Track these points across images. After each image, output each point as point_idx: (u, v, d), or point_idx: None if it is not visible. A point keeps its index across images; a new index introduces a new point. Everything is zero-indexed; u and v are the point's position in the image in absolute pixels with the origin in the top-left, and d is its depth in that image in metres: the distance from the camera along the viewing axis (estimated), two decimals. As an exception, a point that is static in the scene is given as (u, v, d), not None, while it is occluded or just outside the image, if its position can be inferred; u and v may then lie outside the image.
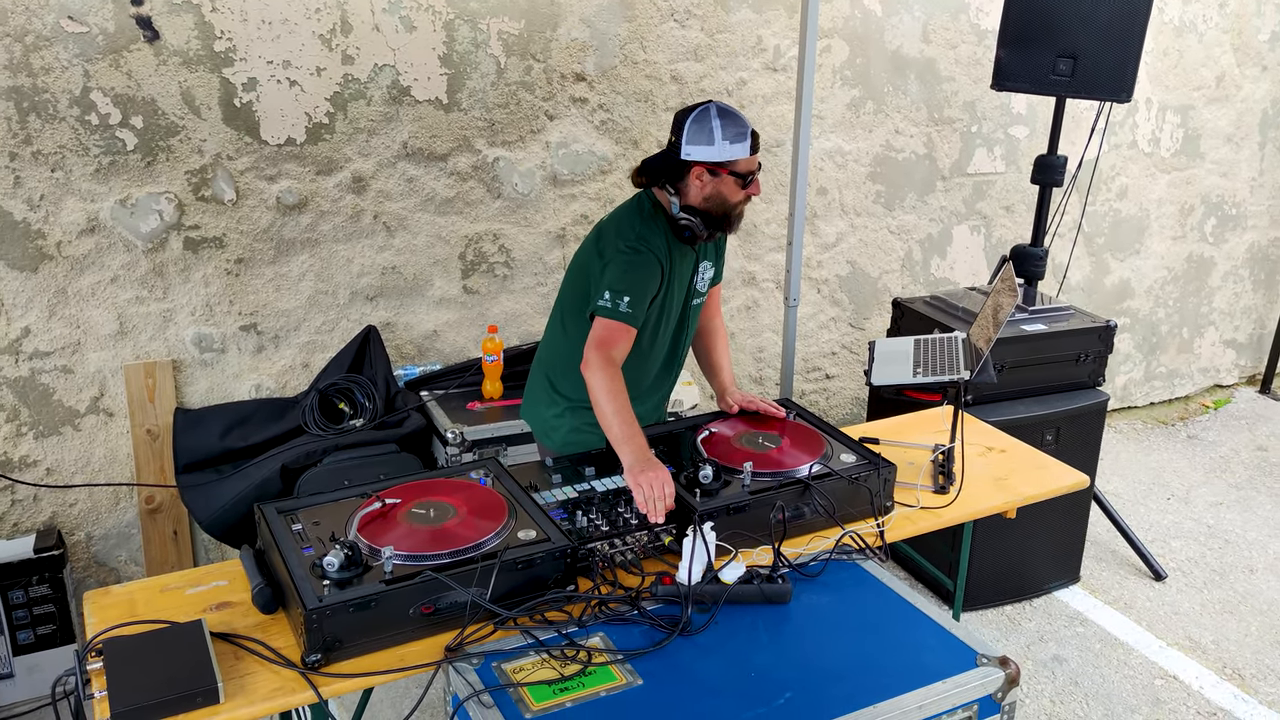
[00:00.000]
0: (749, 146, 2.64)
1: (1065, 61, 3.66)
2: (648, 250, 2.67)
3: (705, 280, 2.92)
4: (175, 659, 1.93)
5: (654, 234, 2.71)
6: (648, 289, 2.69)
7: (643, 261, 2.67)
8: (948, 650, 2.06)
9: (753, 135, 2.65)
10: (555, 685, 1.92)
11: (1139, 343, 5.73)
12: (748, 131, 2.64)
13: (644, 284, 2.67)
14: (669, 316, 2.85)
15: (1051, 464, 3.00)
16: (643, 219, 2.73)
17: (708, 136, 2.62)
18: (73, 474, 3.54)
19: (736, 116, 2.65)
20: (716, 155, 2.62)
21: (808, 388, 4.90)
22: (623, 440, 2.52)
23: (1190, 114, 5.37)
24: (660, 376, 2.99)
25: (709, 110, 2.64)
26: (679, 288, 2.83)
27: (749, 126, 2.65)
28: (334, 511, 2.32)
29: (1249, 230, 5.84)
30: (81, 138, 3.29)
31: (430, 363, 3.97)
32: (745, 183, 2.68)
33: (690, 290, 2.88)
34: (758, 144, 2.68)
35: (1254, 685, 3.57)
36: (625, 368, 2.78)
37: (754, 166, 2.69)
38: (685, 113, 2.66)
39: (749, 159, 2.66)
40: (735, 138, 2.62)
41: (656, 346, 2.88)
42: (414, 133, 3.73)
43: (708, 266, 2.91)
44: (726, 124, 2.61)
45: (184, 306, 3.56)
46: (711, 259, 2.93)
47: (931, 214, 4.89)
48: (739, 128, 2.63)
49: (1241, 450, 5.38)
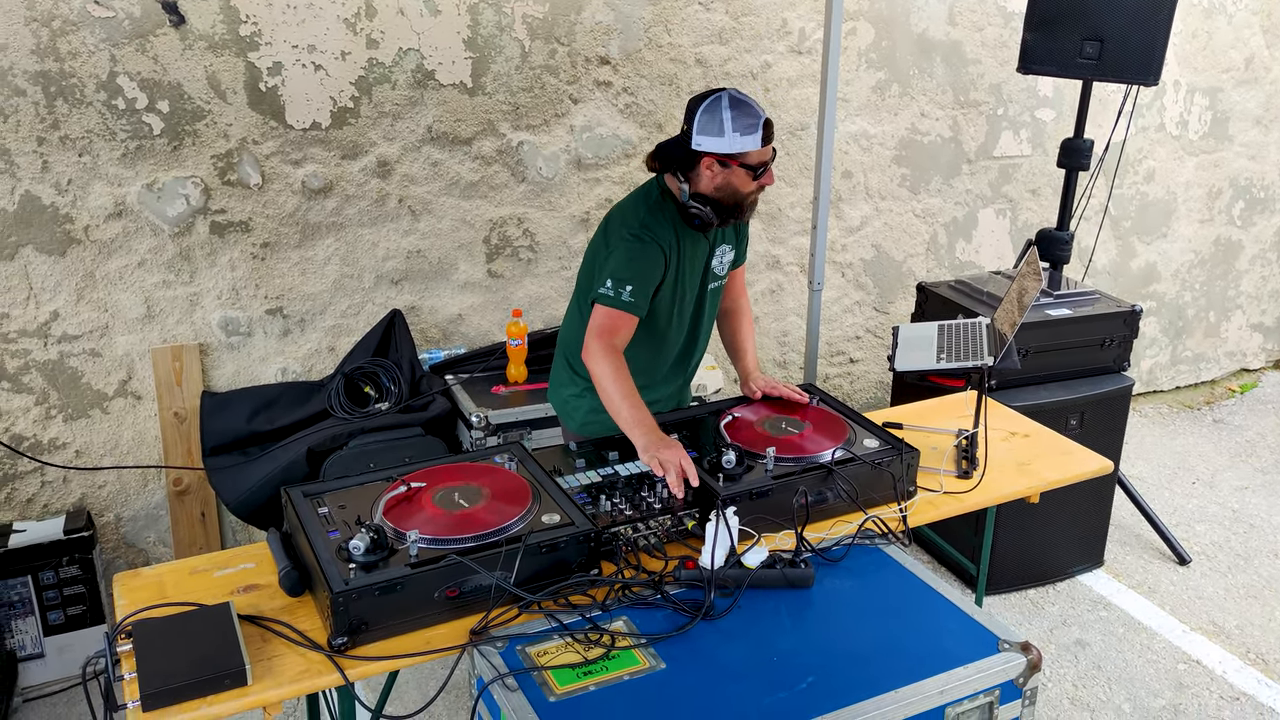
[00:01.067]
0: (760, 138, 2.59)
1: (1092, 44, 3.62)
2: (651, 239, 2.67)
3: (725, 263, 2.91)
4: (203, 641, 1.96)
5: (659, 222, 2.70)
6: (650, 277, 2.68)
7: (645, 250, 2.66)
8: (970, 635, 2.06)
9: (765, 125, 2.60)
10: (579, 669, 1.94)
11: (1165, 327, 5.69)
12: (759, 123, 2.59)
13: (646, 273, 2.67)
14: (683, 301, 2.84)
15: (1075, 449, 2.98)
16: (649, 207, 2.73)
17: (718, 127, 2.58)
18: (101, 456, 3.58)
19: (748, 107, 2.60)
20: (726, 147, 2.59)
21: (831, 371, 4.89)
22: (633, 424, 2.53)
23: (1219, 96, 5.30)
24: (680, 361, 2.98)
25: (720, 100, 2.60)
26: (691, 272, 2.82)
27: (760, 116, 2.60)
28: (360, 495, 2.34)
29: (1277, 213, 5.77)
30: (108, 122, 3.32)
31: (455, 346, 3.98)
32: (757, 174, 2.65)
33: (707, 274, 2.87)
34: (770, 134, 2.63)
35: (1278, 670, 3.55)
36: (640, 353, 2.80)
37: (766, 157, 2.65)
38: (698, 100, 2.63)
39: (760, 150, 2.61)
40: (746, 129, 2.58)
41: (673, 331, 2.88)
42: (438, 117, 3.74)
43: (726, 250, 2.89)
44: (737, 115, 2.57)
45: (210, 290, 3.59)
46: (731, 241, 2.91)
47: (957, 197, 4.86)
48: (750, 119, 2.58)
49: (1268, 434, 5.33)
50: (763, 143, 2.61)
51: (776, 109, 4.31)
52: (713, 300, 2.96)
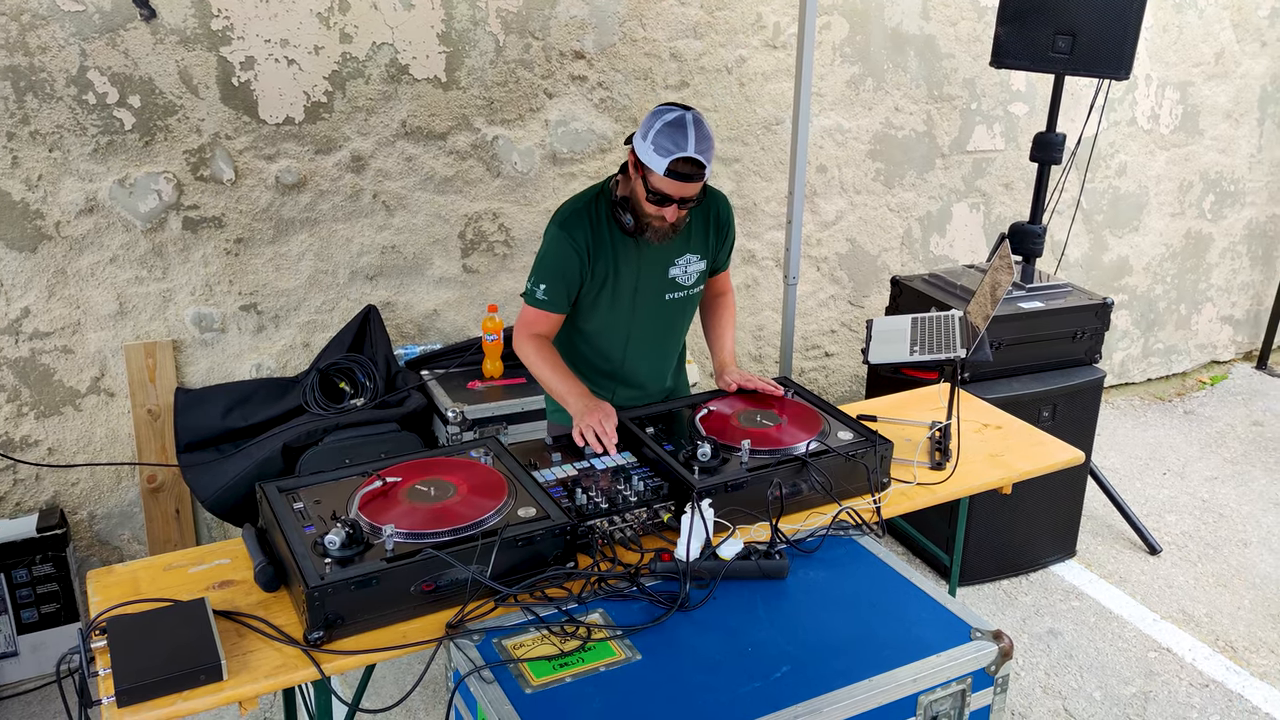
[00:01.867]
0: (666, 166, 2.45)
1: (1064, 38, 3.65)
2: (566, 238, 2.64)
3: (692, 274, 2.81)
4: (178, 637, 1.95)
5: (581, 222, 2.66)
6: (562, 276, 2.67)
7: (558, 249, 2.66)
8: (942, 624, 2.09)
9: (681, 162, 2.44)
10: (555, 661, 1.95)
11: (1137, 319, 5.74)
12: (677, 155, 2.43)
13: (558, 271, 2.66)
14: (627, 308, 2.77)
15: (1047, 440, 3.01)
16: (584, 203, 2.69)
17: (645, 130, 2.50)
18: (74, 454, 3.56)
19: (682, 135, 2.44)
20: (640, 153, 2.51)
21: (807, 365, 4.92)
22: (565, 394, 2.65)
23: (1190, 90, 5.36)
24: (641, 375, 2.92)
25: (670, 112, 2.50)
26: (633, 277, 2.73)
27: (684, 152, 2.43)
28: (335, 490, 2.34)
29: (1247, 207, 5.84)
30: (79, 117, 3.29)
31: (430, 342, 3.98)
32: (650, 197, 2.54)
33: (664, 282, 2.78)
34: (685, 176, 2.47)
35: (1246, 657, 3.61)
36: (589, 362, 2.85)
37: (666, 190, 2.50)
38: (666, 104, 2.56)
39: (663, 179, 2.48)
40: (661, 149, 2.45)
41: (619, 341, 2.83)
42: (413, 111, 3.73)
43: (693, 260, 2.80)
44: (666, 132, 2.45)
45: (184, 286, 3.57)
46: (701, 252, 2.81)
47: (931, 191, 4.89)
48: (671, 144, 2.44)
49: (1237, 425, 5.40)
50: (666, 173, 2.46)
51: (751, 103, 4.32)
52: (678, 312, 2.87)
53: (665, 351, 2.96)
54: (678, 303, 2.85)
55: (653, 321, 2.85)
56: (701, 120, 2.51)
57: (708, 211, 2.81)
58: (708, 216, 2.81)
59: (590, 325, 2.82)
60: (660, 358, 2.96)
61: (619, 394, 2.93)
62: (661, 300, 2.82)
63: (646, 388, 2.97)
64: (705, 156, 2.48)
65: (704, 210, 2.80)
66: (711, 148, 2.51)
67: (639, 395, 2.96)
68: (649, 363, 2.93)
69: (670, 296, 2.82)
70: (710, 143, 2.51)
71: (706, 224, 2.81)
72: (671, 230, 2.64)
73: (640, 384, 2.96)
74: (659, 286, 2.79)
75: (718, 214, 2.83)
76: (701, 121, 2.51)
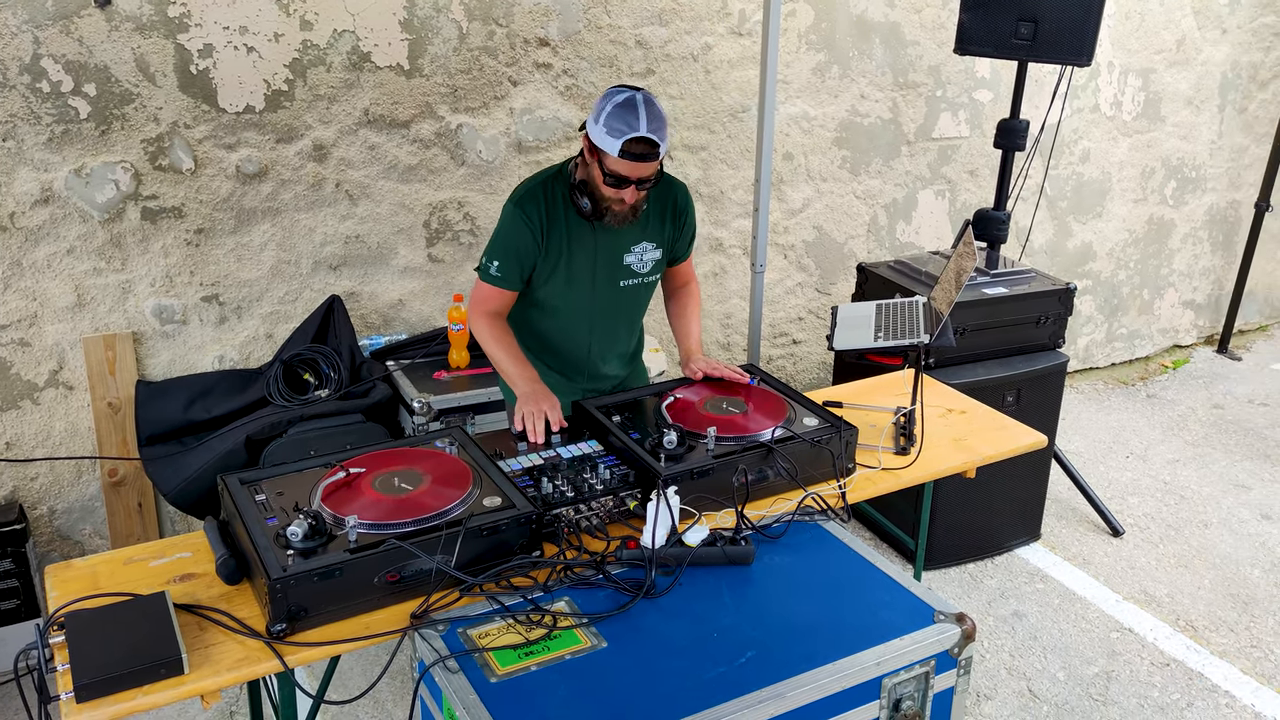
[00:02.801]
0: (619, 148, 2.46)
1: (1026, 25, 3.67)
2: (520, 215, 2.66)
3: (647, 261, 2.82)
4: (139, 630, 1.93)
5: (536, 200, 2.67)
6: (516, 253, 2.69)
7: (512, 225, 2.68)
8: (906, 608, 2.10)
9: (634, 142, 2.45)
10: (521, 649, 1.94)
11: (1100, 304, 5.80)
12: (630, 136, 2.44)
13: (511, 247, 2.69)
14: (581, 291, 2.78)
15: (1011, 424, 3.04)
16: (539, 182, 2.71)
17: (598, 114, 2.51)
18: (33, 448, 3.51)
19: (633, 115, 2.46)
20: (593, 136, 2.53)
21: (775, 353, 4.93)
22: (514, 377, 2.68)
23: (1151, 77, 5.41)
24: (591, 360, 2.92)
25: (621, 94, 2.51)
26: (585, 261, 2.74)
27: (636, 132, 2.44)
28: (298, 481, 2.32)
29: (1208, 192, 5.91)
30: (33, 106, 3.24)
31: (396, 332, 3.95)
32: (607, 179, 2.55)
33: (618, 269, 2.79)
34: (638, 155, 2.48)
35: (1206, 636, 3.66)
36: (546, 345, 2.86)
37: (622, 171, 2.51)
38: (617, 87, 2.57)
39: (618, 161, 2.49)
40: (613, 131, 2.46)
41: (574, 324, 2.84)
42: (375, 99, 3.70)
43: (649, 248, 2.81)
44: (618, 113, 2.46)
45: (143, 278, 3.52)
46: (658, 240, 2.82)
47: (897, 179, 4.91)
48: (623, 125, 2.45)
49: (1198, 408, 5.47)
50: (620, 154, 2.47)
51: (717, 91, 4.31)
52: (632, 300, 2.88)
53: (620, 339, 2.97)
54: (632, 290, 2.86)
55: (607, 308, 2.86)
56: (653, 100, 2.52)
57: (665, 200, 2.81)
58: (665, 205, 2.81)
59: (545, 308, 2.83)
60: (615, 345, 2.97)
61: (575, 382, 2.93)
62: (616, 287, 2.83)
63: (601, 376, 2.97)
64: (658, 135, 2.49)
65: (662, 199, 2.81)
66: (664, 126, 2.52)
67: (594, 383, 2.96)
68: (604, 350, 2.94)
69: (625, 283, 2.84)
70: (663, 122, 2.51)
71: (664, 213, 2.82)
72: (631, 213, 2.64)
73: (596, 372, 2.96)
74: (613, 273, 2.80)
75: (675, 202, 2.83)
76: (653, 101, 2.52)
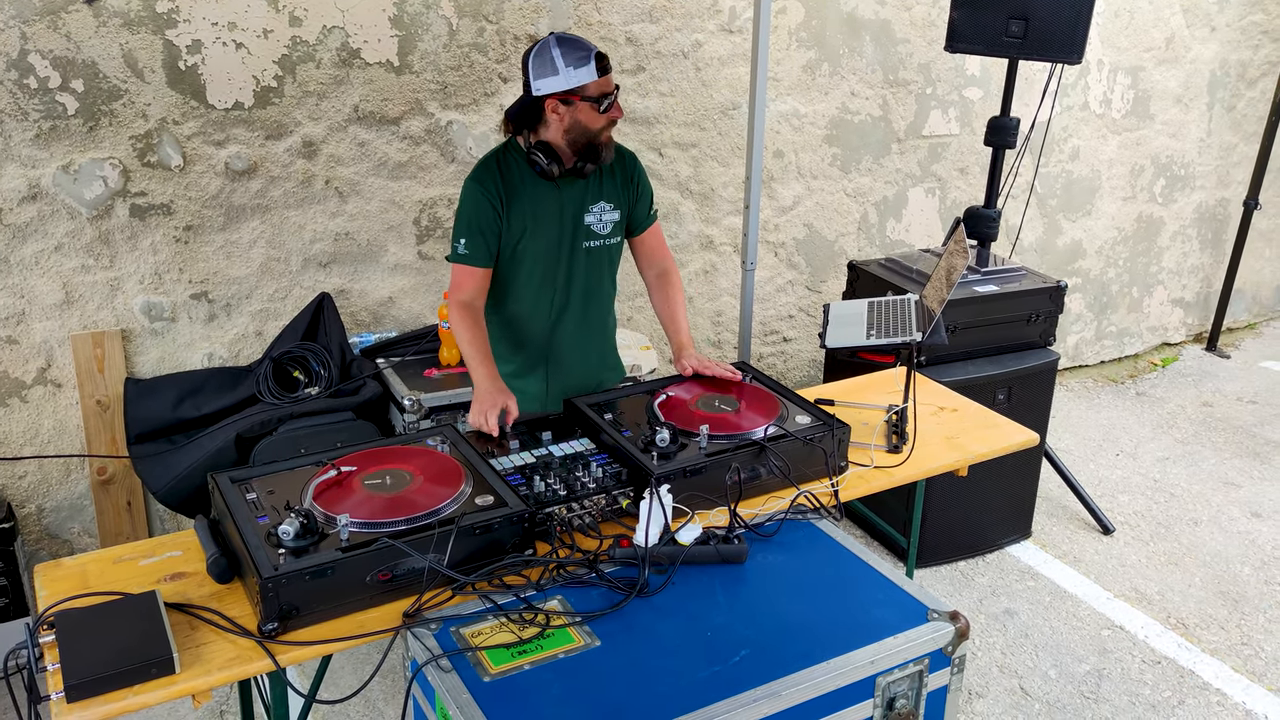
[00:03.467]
0: (595, 69, 2.61)
1: (1017, 23, 3.67)
2: (478, 188, 2.72)
3: (606, 223, 2.87)
4: (129, 630, 1.92)
5: (491, 172, 2.74)
6: (480, 226, 2.73)
7: (472, 199, 2.73)
8: (899, 606, 2.10)
9: (598, 57, 2.62)
10: (514, 648, 1.94)
11: (1090, 302, 5.82)
12: (590, 54, 2.61)
13: (475, 221, 2.73)
14: (550, 257, 2.82)
15: (1002, 422, 3.04)
16: (492, 156, 2.78)
17: (551, 67, 2.61)
18: (21, 446, 3.49)
19: (576, 41, 2.63)
20: (564, 83, 2.62)
21: (765, 351, 4.93)
22: (477, 374, 2.71)
23: (1141, 75, 5.42)
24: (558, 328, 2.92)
25: (548, 42, 2.63)
26: (550, 226, 2.79)
27: (592, 49, 2.62)
28: (289, 480, 2.31)
29: (1197, 190, 5.93)
30: (20, 102, 3.21)
31: (386, 330, 3.94)
32: (601, 106, 2.66)
33: (579, 230, 2.84)
34: (606, 65, 2.64)
35: (1197, 634, 3.67)
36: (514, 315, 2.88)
37: (608, 88, 2.66)
38: (529, 51, 2.66)
39: (599, 81, 2.63)
40: (578, 62, 2.60)
41: (544, 293, 2.86)
42: (365, 96, 3.68)
43: (607, 208, 2.85)
44: (567, 50, 2.61)
45: (132, 275, 3.50)
46: (615, 200, 2.87)
47: (887, 176, 4.91)
48: (580, 51, 2.61)
49: (1188, 406, 5.49)
50: (599, 73, 2.62)
51: (708, 88, 4.31)
52: (596, 261, 2.90)
53: (592, 321, 2.96)
54: (596, 253, 2.88)
55: (573, 274, 2.86)
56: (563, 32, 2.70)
57: (615, 164, 2.86)
58: (615, 168, 2.87)
59: (512, 285, 2.83)
60: (588, 329, 2.96)
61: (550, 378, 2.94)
62: (580, 248, 2.85)
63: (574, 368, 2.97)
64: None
65: (619, 164, 2.87)
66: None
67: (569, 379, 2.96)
68: (573, 330, 2.93)
69: (588, 245, 2.86)
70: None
71: (614, 174, 2.87)
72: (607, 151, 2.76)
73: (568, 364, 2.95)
74: (575, 234, 2.84)
75: (623, 164, 2.90)
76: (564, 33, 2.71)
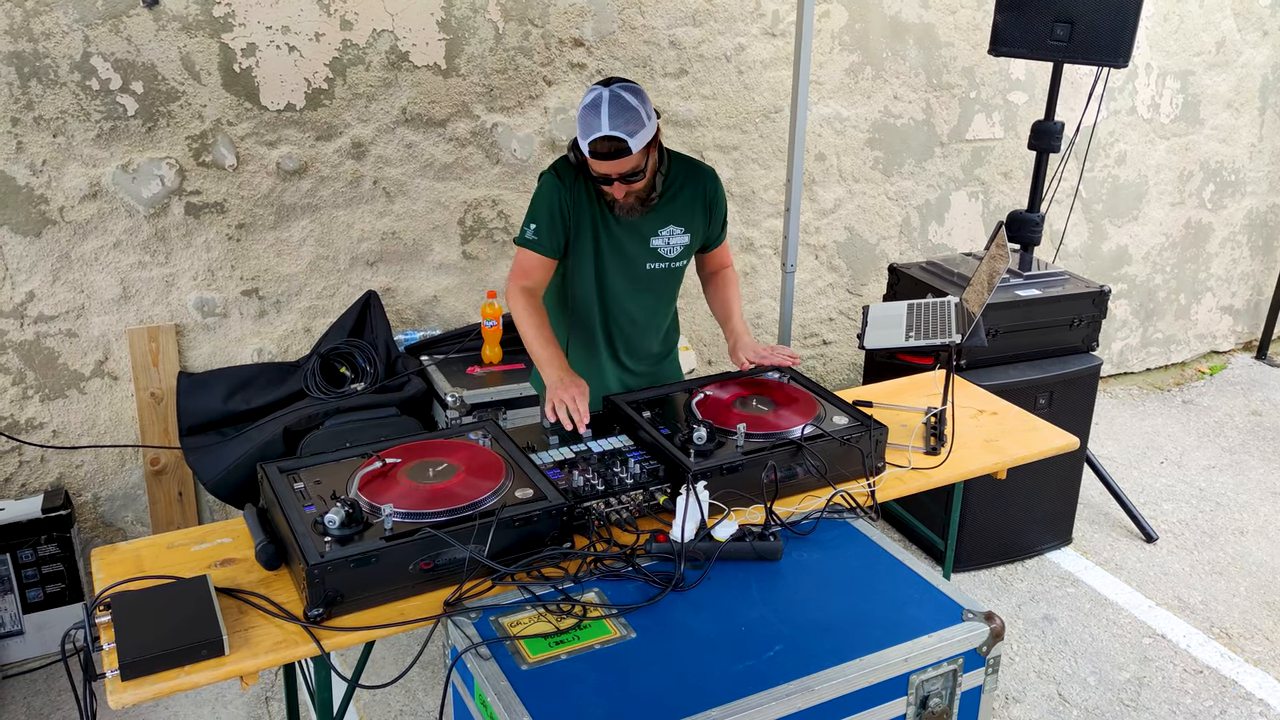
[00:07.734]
0: (589, 149, 2.54)
1: (1063, 26, 3.66)
2: (554, 180, 2.72)
3: (674, 246, 2.85)
4: (181, 612, 1.98)
5: (569, 169, 2.73)
6: (550, 213, 2.71)
7: (546, 188, 2.73)
8: (934, 605, 2.11)
9: (600, 141, 2.50)
10: (551, 638, 1.97)
11: (1136, 309, 5.76)
12: (595, 136, 2.50)
13: (546, 211, 2.72)
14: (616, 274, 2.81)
15: (1042, 426, 3.03)
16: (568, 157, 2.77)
17: (580, 120, 2.56)
18: (79, 436, 3.59)
19: (597, 114, 2.50)
20: (580, 145, 2.59)
21: (805, 353, 4.94)
22: (544, 361, 2.68)
23: (1190, 80, 5.36)
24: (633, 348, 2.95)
25: (587, 95, 2.56)
26: (614, 241, 2.77)
27: (601, 132, 2.49)
28: (335, 471, 2.37)
29: (1248, 196, 5.85)
30: (83, 103, 3.32)
31: (430, 328, 4.00)
32: (595, 179, 2.64)
33: (647, 251, 2.82)
34: (605, 154, 2.53)
35: (1241, 644, 3.63)
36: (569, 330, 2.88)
37: (600, 170, 2.58)
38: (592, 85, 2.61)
39: (593, 161, 2.57)
40: (583, 135, 2.54)
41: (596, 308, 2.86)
42: (413, 98, 3.75)
43: (676, 231, 2.83)
44: (584, 116, 2.53)
45: (186, 271, 3.60)
46: (685, 224, 2.84)
47: (930, 180, 4.91)
48: (589, 127, 2.51)
49: (1236, 415, 5.42)
50: (591, 155, 2.55)
51: (750, 91, 4.33)
52: (659, 282, 2.90)
53: (650, 327, 2.99)
54: (659, 274, 2.89)
55: (635, 291, 2.88)
56: (620, 95, 2.52)
57: (697, 186, 2.85)
58: (697, 191, 2.85)
59: (577, 288, 2.86)
60: (645, 333, 2.99)
61: (607, 371, 2.96)
62: (643, 269, 2.86)
63: (633, 365, 3.00)
64: (623, 130, 2.50)
65: (694, 184, 2.85)
66: (634, 120, 2.51)
67: (625, 374, 2.99)
68: (635, 337, 2.96)
69: (651, 266, 2.86)
70: (630, 115, 2.51)
71: (694, 199, 2.85)
72: (640, 205, 2.70)
73: (625, 362, 2.99)
74: (639, 254, 2.83)
75: (705, 189, 2.87)
76: (620, 97, 2.52)
